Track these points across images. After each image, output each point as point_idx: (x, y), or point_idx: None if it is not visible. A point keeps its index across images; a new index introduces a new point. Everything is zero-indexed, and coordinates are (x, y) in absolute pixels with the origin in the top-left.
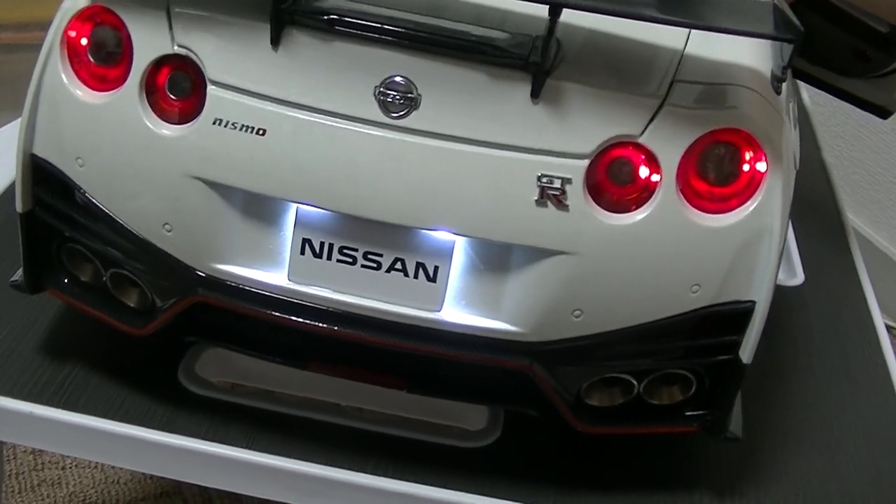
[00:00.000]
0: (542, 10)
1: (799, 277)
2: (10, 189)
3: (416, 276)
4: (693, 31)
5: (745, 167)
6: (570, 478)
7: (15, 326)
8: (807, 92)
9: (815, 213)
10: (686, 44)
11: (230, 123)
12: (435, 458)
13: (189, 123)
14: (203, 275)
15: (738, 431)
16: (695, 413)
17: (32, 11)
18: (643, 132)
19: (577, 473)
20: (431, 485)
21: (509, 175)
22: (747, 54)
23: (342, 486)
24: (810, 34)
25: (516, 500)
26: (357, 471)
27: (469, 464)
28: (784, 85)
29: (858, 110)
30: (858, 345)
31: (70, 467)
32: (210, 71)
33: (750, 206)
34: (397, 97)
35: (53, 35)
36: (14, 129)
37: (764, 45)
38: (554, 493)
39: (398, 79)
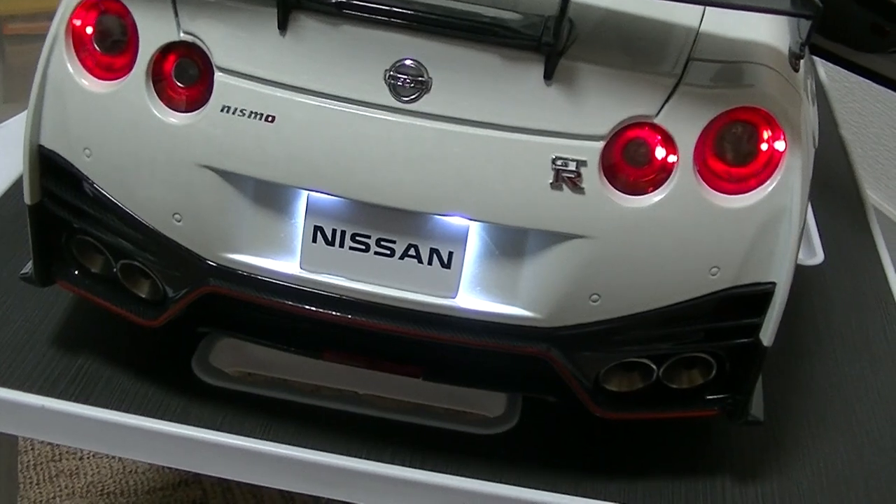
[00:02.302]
0: None
1: (818, 256)
2: (20, 181)
3: (430, 263)
4: (708, 8)
5: (764, 146)
6: (590, 464)
7: (26, 319)
8: (823, 68)
9: (834, 191)
10: (701, 22)
11: (238, 110)
12: (453, 445)
13: (197, 111)
14: (214, 265)
15: (760, 414)
16: (715, 397)
17: (41, 2)
18: (659, 112)
19: (596, 459)
20: (450, 473)
21: (523, 158)
22: (764, 31)
23: (360, 476)
24: (827, 9)
25: (536, 487)
26: (375, 460)
27: (488, 451)
28: (802, 62)
29: (875, 86)
30: (880, 323)
31: (88, 457)
32: (217, 57)
33: (769, 185)
34: (408, 81)
35: (58, 24)
36: (20, 120)
37: (780, 21)
38: (574, 480)
39: (408, 62)
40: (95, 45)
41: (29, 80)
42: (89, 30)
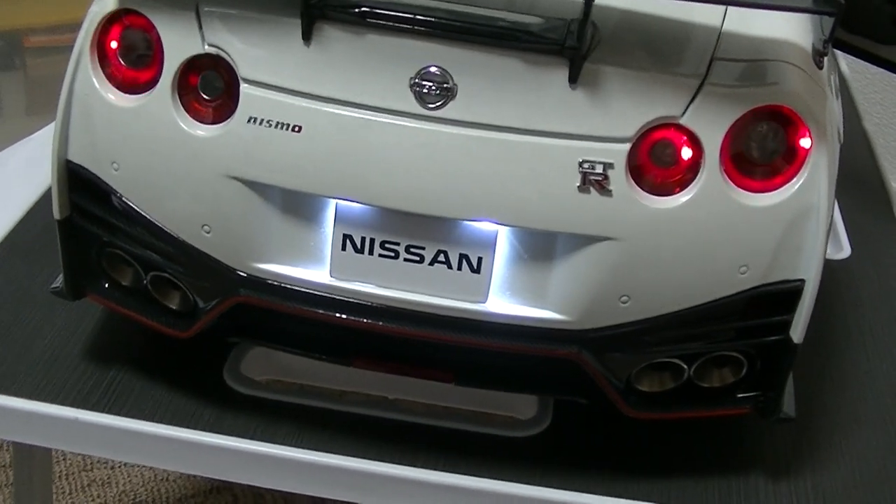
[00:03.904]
0: None
1: (845, 251)
2: (48, 194)
3: (459, 268)
4: (730, 7)
5: (789, 144)
6: (623, 465)
7: (57, 333)
8: (844, 60)
9: (858, 184)
10: (723, 21)
11: (265, 121)
12: (485, 448)
13: (223, 123)
14: (244, 275)
15: (792, 411)
16: (747, 395)
17: (63, 14)
18: (684, 113)
19: (628, 460)
20: (483, 476)
21: (550, 162)
22: (786, 29)
23: (393, 481)
24: (849, 3)
25: (569, 489)
26: (407, 464)
27: (520, 453)
28: (825, 58)
29: None
30: None
31: (119, 467)
32: (242, 69)
33: (795, 183)
34: (433, 88)
35: (83, 40)
36: (47, 134)
37: (803, 18)
38: (607, 481)
39: (433, 69)
40: (120, 60)
41: (50, 92)
42: (114, 44)
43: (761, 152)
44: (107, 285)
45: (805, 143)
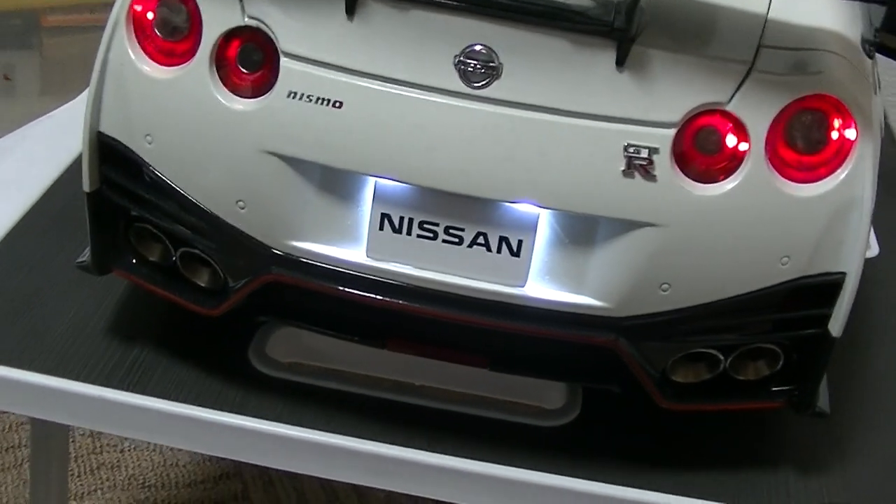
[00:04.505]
0: None
1: (874, 249)
2: (69, 171)
3: (499, 251)
4: None
5: (834, 134)
6: (651, 456)
7: (82, 309)
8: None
9: (884, 181)
10: (769, 7)
11: (305, 96)
12: (512, 437)
13: (262, 97)
14: (278, 253)
15: (826, 407)
16: (781, 388)
17: None
18: (731, 99)
19: (657, 451)
20: (510, 465)
21: (595, 145)
22: (833, 18)
23: (420, 468)
24: None
25: (597, 480)
26: (434, 451)
27: (548, 443)
28: (873, 48)
29: None
30: None
31: (128, 450)
32: (283, 42)
33: (840, 174)
34: (478, 66)
35: (119, 10)
36: (68, 112)
37: (850, 7)
38: (636, 472)
39: (478, 47)
40: (157, 31)
41: (66, 72)
42: (150, 15)
43: (806, 142)
44: (134, 261)
45: (850, 134)
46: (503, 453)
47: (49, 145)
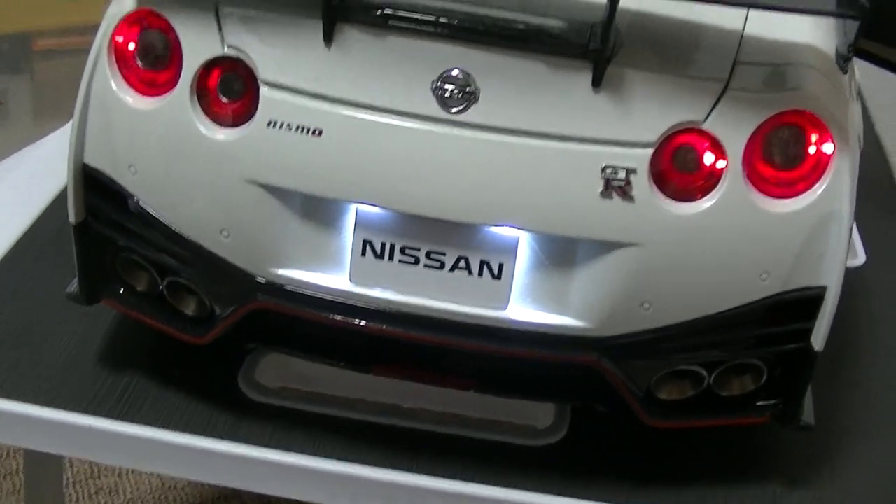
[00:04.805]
0: None
1: (860, 258)
2: (60, 198)
3: (480, 274)
4: (751, 10)
5: (812, 149)
6: (640, 473)
7: (71, 338)
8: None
9: (871, 190)
10: (745, 24)
11: (285, 125)
12: (502, 457)
13: (243, 126)
14: (263, 280)
15: (811, 419)
16: (766, 403)
17: (71, 17)
18: (707, 118)
19: (646, 468)
20: (500, 485)
21: (573, 167)
22: (809, 32)
23: (410, 491)
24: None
25: (587, 499)
26: (424, 473)
27: (537, 462)
28: (849, 63)
29: None
30: None
31: (126, 474)
32: (262, 71)
33: (818, 189)
34: (455, 91)
35: (100, 41)
36: (60, 137)
37: (825, 22)
38: (625, 490)
39: (455, 72)
40: (138, 61)
41: (58, 96)
42: (132, 46)
43: (784, 157)
44: (122, 290)
45: (828, 148)
46: (493, 473)
47: (42, 171)
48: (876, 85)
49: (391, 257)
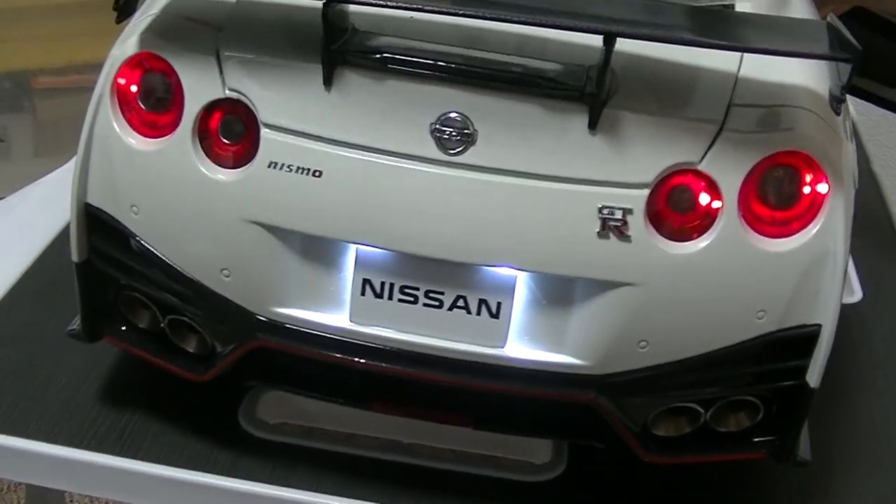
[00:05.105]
0: (594, 39)
1: (857, 294)
2: (63, 235)
3: (478, 313)
4: (746, 53)
5: (806, 189)
6: None
7: (72, 376)
8: (851, 102)
9: (868, 227)
10: (740, 67)
11: (285, 166)
12: (501, 493)
13: (243, 167)
14: (263, 319)
15: (807, 455)
16: (763, 439)
17: (71, 55)
18: (702, 159)
19: (644, 503)
20: None
21: (570, 208)
22: (802, 74)
23: None
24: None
25: None
26: None
27: (536, 498)
28: (842, 104)
29: None
30: None
31: None
32: (263, 114)
33: (812, 228)
34: (454, 133)
35: (103, 83)
36: (61, 175)
37: (819, 64)
38: None
39: (453, 115)
40: (140, 104)
41: (59, 134)
42: (134, 88)
43: (778, 198)
44: (124, 328)
45: (821, 188)
46: None
47: (43, 209)
48: (873, 122)
49: (391, 296)
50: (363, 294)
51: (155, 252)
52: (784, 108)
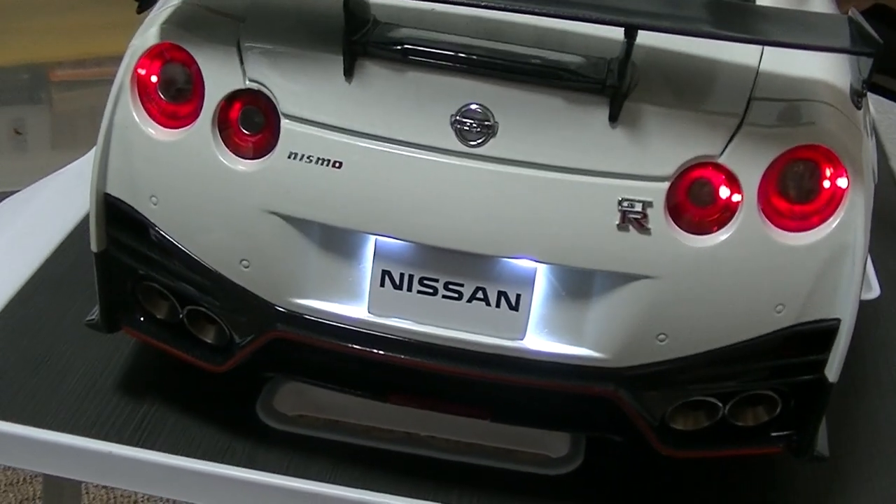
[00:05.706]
0: (615, 32)
1: (875, 290)
2: (80, 226)
3: (497, 305)
4: (767, 47)
5: (826, 183)
6: (656, 502)
7: (90, 366)
8: (870, 99)
9: (886, 224)
10: (760, 60)
11: (305, 157)
12: (518, 486)
13: (264, 158)
14: (282, 310)
15: (825, 450)
16: (780, 434)
17: (88, 48)
18: (723, 152)
19: (662, 498)
20: None
21: (590, 200)
22: (823, 68)
23: None
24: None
25: None
26: (441, 502)
27: (553, 492)
28: (862, 98)
29: None
30: None
31: (142, 500)
32: (283, 105)
33: (832, 222)
34: (474, 125)
35: (123, 73)
36: (79, 167)
37: (840, 58)
38: None
39: (474, 106)
40: (160, 94)
41: (76, 126)
42: (154, 78)
43: (798, 191)
44: (142, 318)
45: (841, 182)
46: (508, 502)
47: (61, 200)
48: (891, 119)
49: (410, 288)
50: (382, 285)
51: (174, 242)
52: (805, 102)
